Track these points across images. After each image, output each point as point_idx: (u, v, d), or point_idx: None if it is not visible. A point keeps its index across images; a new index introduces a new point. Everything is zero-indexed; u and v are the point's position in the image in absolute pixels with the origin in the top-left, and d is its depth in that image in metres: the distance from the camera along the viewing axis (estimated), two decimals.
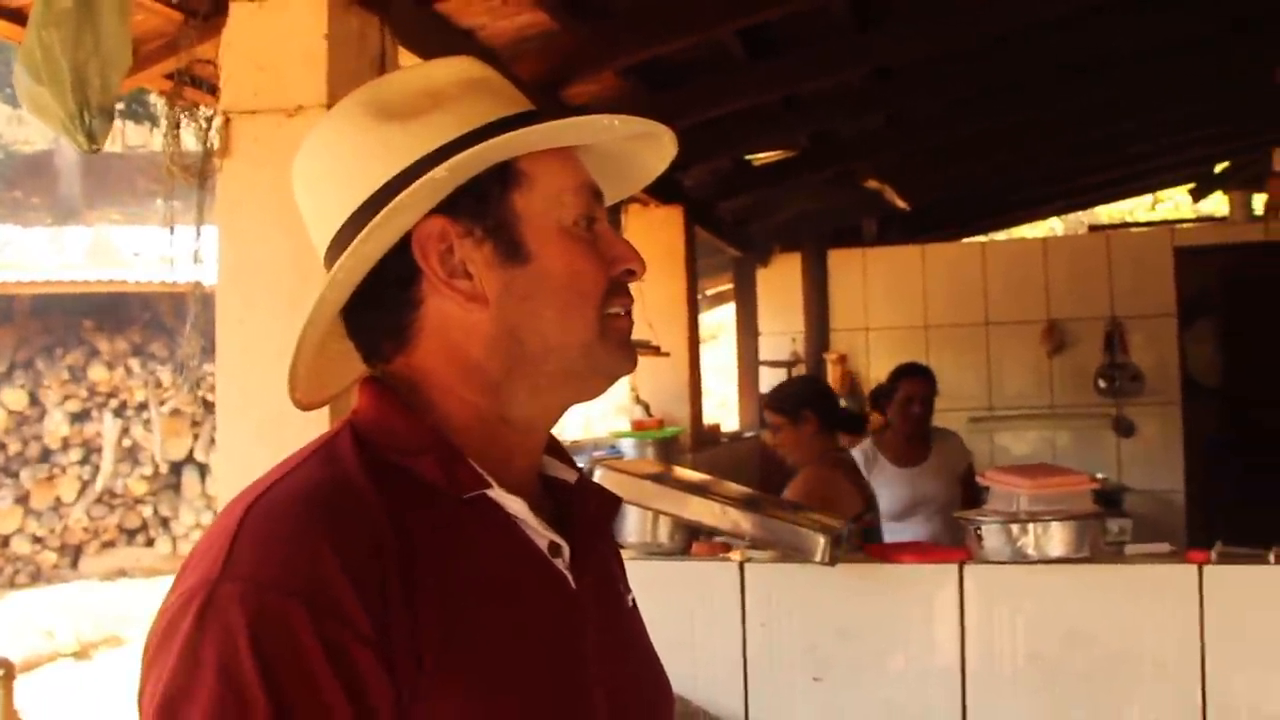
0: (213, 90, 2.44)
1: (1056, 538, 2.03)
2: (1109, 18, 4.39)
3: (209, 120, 2.18)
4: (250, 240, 2.30)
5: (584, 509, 1.00)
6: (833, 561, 2.05)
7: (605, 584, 1.01)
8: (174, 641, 0.78)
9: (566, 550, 0.94)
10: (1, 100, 17.89)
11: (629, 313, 0.97)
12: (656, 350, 4.57)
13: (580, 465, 1.07)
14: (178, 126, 2.10)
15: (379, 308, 0.94)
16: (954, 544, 2.25)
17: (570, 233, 0.94)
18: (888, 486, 3.89)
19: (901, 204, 6.26)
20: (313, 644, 0.75)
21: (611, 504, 1.06)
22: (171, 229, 2.08)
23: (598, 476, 2.09)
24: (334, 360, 1.01)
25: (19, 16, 2.09)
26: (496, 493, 0.90)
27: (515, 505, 0.91)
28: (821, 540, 2.04)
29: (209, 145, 2.12)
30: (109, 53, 1.78)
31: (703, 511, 2.13)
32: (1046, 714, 2.04)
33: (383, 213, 0.89)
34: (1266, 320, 6.83)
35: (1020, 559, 2.07)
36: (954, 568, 2.09)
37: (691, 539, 2.26)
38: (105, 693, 6.74)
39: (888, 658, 2.12)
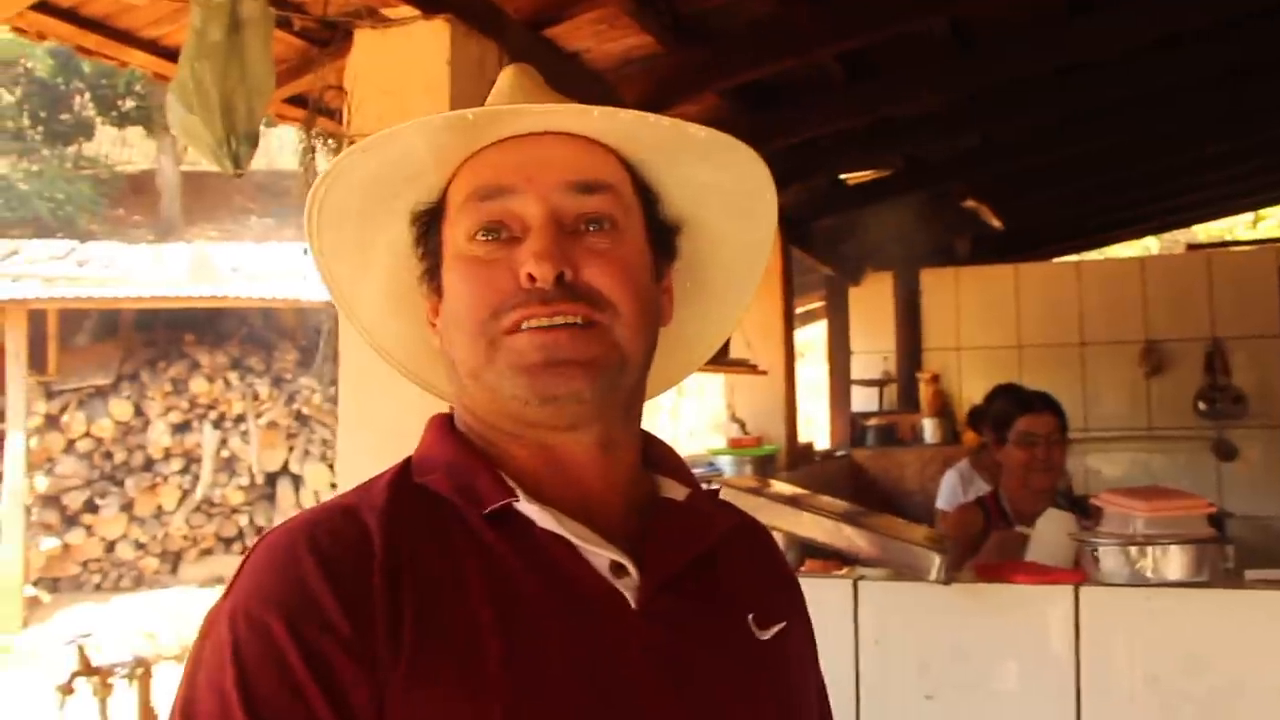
0: (336, 116, 2.54)
1: (1175, 561, 2.03)
2: (1202, 42, 4.34)
3: (340, 146, 2.26)
4: None
5: (676, 526, 0.93)
6: (948, 580, 2.06)
7: (704, 610, 0.92)
8: (189, 661, 0.83)
9: (634, 570, 0.88)
10: (109, 123, 18.54)
11: (547, 325, 0.86)
12: (754, 369, 4.60)
13: (708, 485, 1.02)
14: (313, 152, 2.18)
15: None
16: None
17: (459, 255, 0.91)
18: None
19: (996, 223, 6.21)
20: (290, 649, 0.78)
21: (727, 523, 0.99)
22: (306, 250, 2.15)
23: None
24: None
25: (172, 54, 2.21)
26: (524, 505, 0.87)
27: (545, 518, 0.87)
28: (937, 559, 2.05)
29: None
30: (254, 82, 1.88)
31: (818, 528, 2.15)
32: None
33: (309, 228, 0.95)
34: None
35: (1137, 582, 2.06)
36: (1069, 589, 2.09)
37: (805, 556, 2.28)
38: None
39: (1000, 678, 2.13)
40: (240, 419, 10.81)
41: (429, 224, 0.94)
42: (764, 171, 1.00)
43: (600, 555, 0.88)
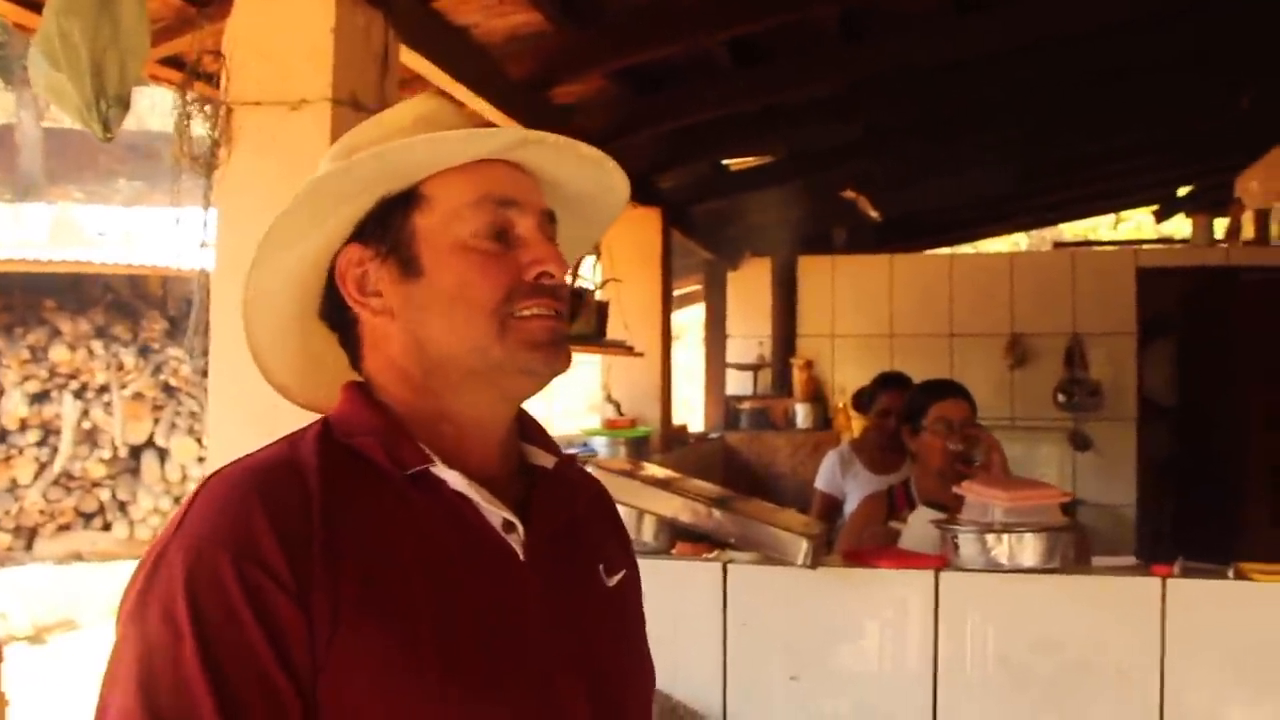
0: (213, 80, 2.46)
1: (1030, 548, 2.11)
2: (1081, 42, 4.50)
3: (216, 111, 2.20)
4: (250, 230, 2.27)
5: (552, 492, 1.09)
6: (814, 565, 2.12)
7: (571, 562, 1.09)
8: (132, 591, 0.93)
9: (520, 527, 1.03)
10: None
11: (551, 313, 1.04)
12: (630, 350, 4.62)
13: (570, 453, 1.17)
14: (188, 117, 2.12)
15: (337, 325, 1.11)
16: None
17: (465, 245, 1.04)
18: (860, 490, 3.97)
19: (874, 214, 6.35)
20: (235, 587, 0.89)
21: (586, 489, 1.19)
22: (177, 219, 2.09)
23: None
24: (333, 369, 1.13)
25: (34, 3, 2.11)
26: (440, 470, 1.01)
27: (458, 482, 1.01)
28: (804, 544, 2.10)
29: (215, 135, 2.14)
30: (128, 41, 1.81)
31: (688, 512, 2.18)
32: (1013, 717, 2.11)
33: (270, 228, 1.04)
34: (1221, 343, 7.01)
35: (994, 567, 2.14)
36: (930, 574, 2.16)
37: (675, 539, 2.31)
38: (61, 677, 6.69)
39: (863, 659, 2.19)
40: (104, 389, 10.44)
41: (390, 210, 1.06)
42: (616, 214, 1.23)
43: (495, 514, 1.03)
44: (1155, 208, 9.15)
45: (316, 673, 0.90)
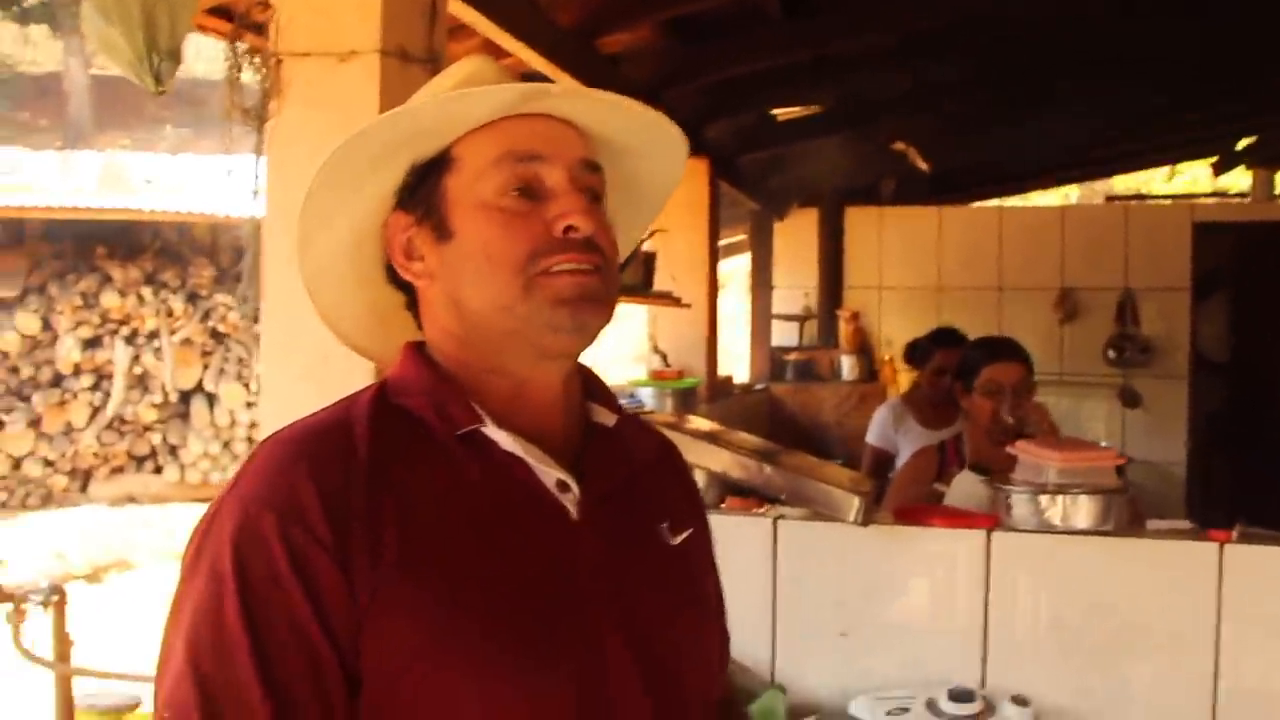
0: (262, 31, 2.45)
1: (1084, 510, 2.08)
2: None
3: (266, 62, 2.19)
4: (300, 183, 2.30)
5: (608, 449, 1.09)
6: (865, 522, 2.11)
7: (630, 521, 1.08)
8: (191, 546, 0.97)
9: (575, 487, 1.03)
10: (9, 19, 17.73)
11: (582, 267, 1.01)
12: (677, 301, 4.60)
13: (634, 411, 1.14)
14: (238, 68, 2.11)
15: (401, 288, 1.11)
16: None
17: (489, 204, 1.03)
18: (912, 445, 3.94)
19: (924, 165, 6.26)
20: (279, 546, 0.92)
21: (649, 445, 1.18)
22: (229, 170, 2.10)
23: None
24: (407, 329, 1.13)
25: None
26: (490, 429, 1.01)
27: (507, 442, 1.01)
28: (856, 501, 2.09)
29: (266, 86, 2.14)
30: None
31: (738, 467, 2.18)
32: (1063, 680, 2.10)
33: (309, 192, 1.06)
34: (1277, 298, 6.87)
35: (1046, 529, 2.12)
36: (982, 534, 2.15)
37: (725, 493, 2.31)
38: (118, 614, 6.85)
39: (913, 617, 2.18)
40: (154, 335, 10.58)
41: (424, 175, 1.06)
42: (681, 169, 1.20)
43: (549, 474, 1.02)
44: (1214, 160, 8.94)
45: (359, 631, 0.92)
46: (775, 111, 5.69)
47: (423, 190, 1.06)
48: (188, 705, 0.90)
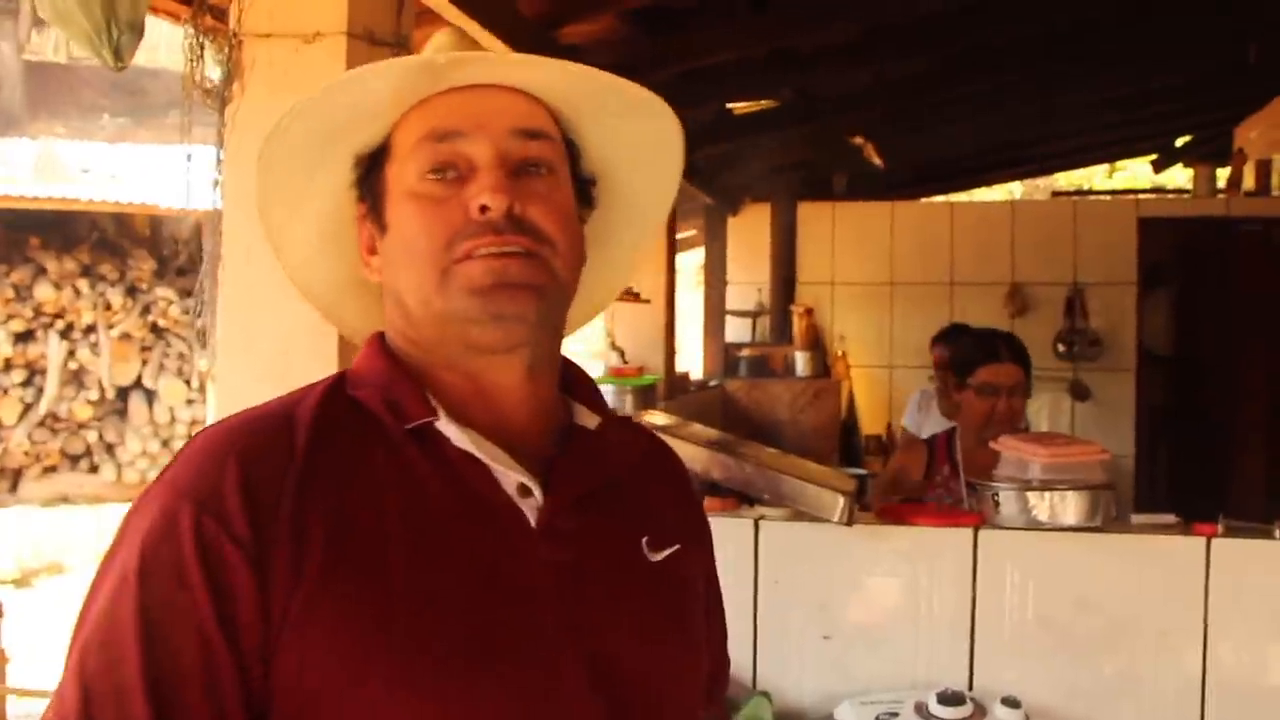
0: (222, 16, 2.35)
1: (1072, 506, 2.06)
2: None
3: (226, 43, 2.10)
4: None
5: (583, 453, 1.00)
6: (850, 522, 2.07)
7: (602, 531, 0.98)
8: (117, 532, 0.91)
9: (538, 491, 0.94)
10: None
11: (502, 251, 0.92)
12: (636, 297, 4.55)
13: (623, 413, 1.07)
14: (202, 50, 2.01)
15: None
16: None
17: (409, 192, 0.96)
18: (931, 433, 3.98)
19: (878, 161, 6.26)
20: (189, 537, 0.85)
21: (635, 450, 1.08)
22: (189, 156, 2.00)
23: None
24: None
25: None
26: (444, 424, 0.93)
27: (461, 439, 0.93)
28: (840, 501, 2.05)
29: (228, 68, 2.04)
30: None
31: (718, 466, 2.13)
32: (1051, 677, 2.08)
33: (258, 187, 1.01)
34: (1220, 293, 6.99)
35: (1034, 525, 2.10)
36: (968, 531, 2.12)
37: (704, 493, 2.25)
38: (49, 620, 6.65)
39: (898, 618, 2.15)
40: (90, 329, 10.30)
41: (371, 166, 1.00)
42: (677, 129, 1.07)
43: (508, 476, 0.94)
44: (1154, 157, 9.08)
45: (270, 642, 0.85)
46: (731, 105, 5.65)
47: (369, 181, 1.00)
48: (67, 708, 0.84)
